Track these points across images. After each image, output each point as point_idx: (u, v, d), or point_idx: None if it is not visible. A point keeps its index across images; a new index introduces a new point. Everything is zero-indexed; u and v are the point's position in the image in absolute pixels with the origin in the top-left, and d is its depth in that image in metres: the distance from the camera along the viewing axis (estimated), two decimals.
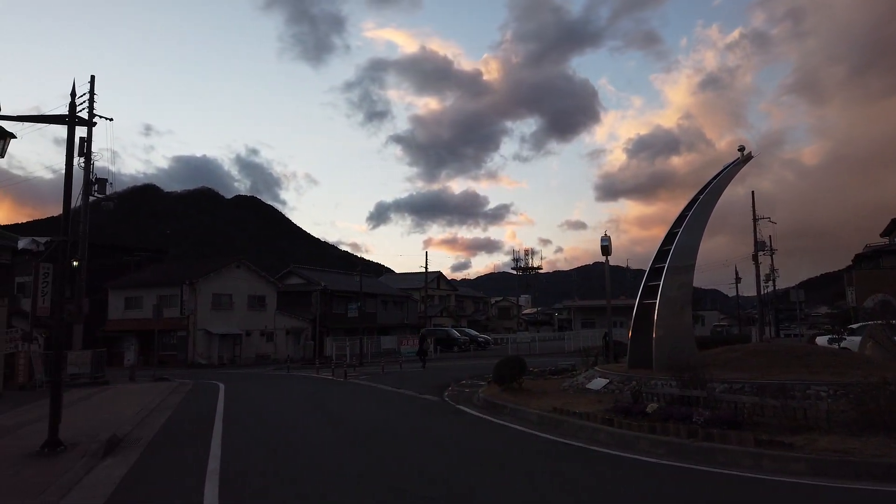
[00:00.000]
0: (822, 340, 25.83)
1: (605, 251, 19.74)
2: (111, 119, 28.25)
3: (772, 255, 48.92)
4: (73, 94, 10.33)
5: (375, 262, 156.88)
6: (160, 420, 13.10)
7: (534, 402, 12.76)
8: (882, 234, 49.03)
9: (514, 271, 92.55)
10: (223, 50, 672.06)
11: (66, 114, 10.04)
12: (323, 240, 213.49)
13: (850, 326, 25.93)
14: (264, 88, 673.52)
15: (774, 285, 52.40)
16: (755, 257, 44.10)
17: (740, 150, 16.14)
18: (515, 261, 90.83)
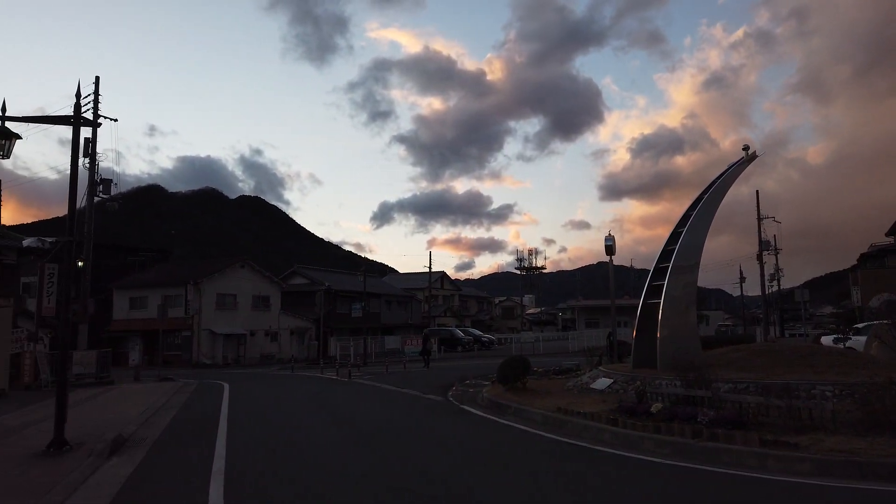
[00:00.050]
0: (827, 340, 25.75)
1: (609, 251, 19.70)
2: (116, 120, 28.28)
3: (776, 254, 48.71)
4: (77, 95, 10.35)
5: (379, 262, 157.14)
6: (165, 420, 13.14)
7: (538, 401, 12.75)
8: (887, 234, 48.71)
9: (517, 271, 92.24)
10: (227, 51, 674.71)
11: (71, 115, 10.06)
12: (327, 240, 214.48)
13: (856, 326, 25.82)
14: (268, 89, 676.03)
15: (779, 285, 52.09)
16: (759, 257, 44.02)
17: (745, 149, 16.09)
18: (519, 261, 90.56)
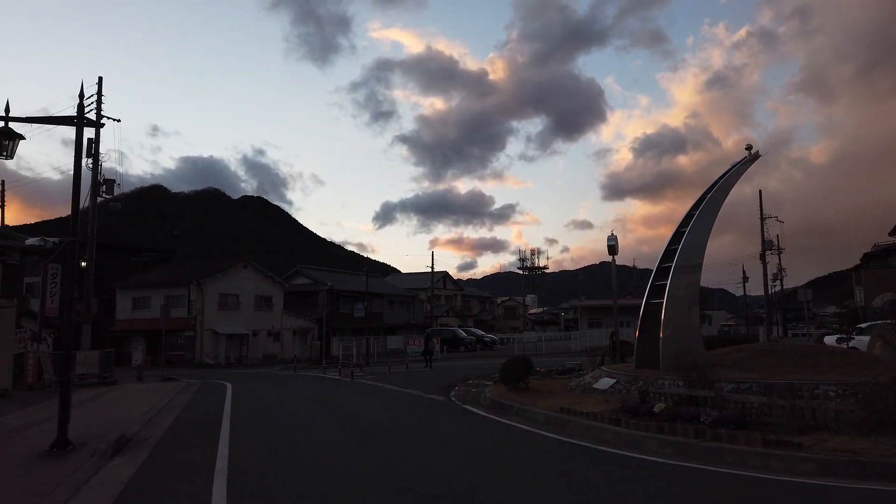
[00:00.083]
0: (830, 340, 25.75)
1: (612, 251, 19.69)
2: (119, 120, 28.42)
3: (779, 254, 48.67)
4: (81, 96, 10.41)
5: (381, 262, 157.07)
6: (168, 420, 13.16)
7: (540, 401, 12.74)
8: (891, 233, 48.59)
9: (520, 271, 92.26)
10: (229, 51, 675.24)
11: (75, 115, 10.10)
12: (329, 240, 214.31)
13: (859, 326, 25.82)
14: (270, 89, 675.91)
15: (782, 284, 52.04)
16: (762, 256, 43.97)
17: (747, 148, 16.08)
18: (521, 260, 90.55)
